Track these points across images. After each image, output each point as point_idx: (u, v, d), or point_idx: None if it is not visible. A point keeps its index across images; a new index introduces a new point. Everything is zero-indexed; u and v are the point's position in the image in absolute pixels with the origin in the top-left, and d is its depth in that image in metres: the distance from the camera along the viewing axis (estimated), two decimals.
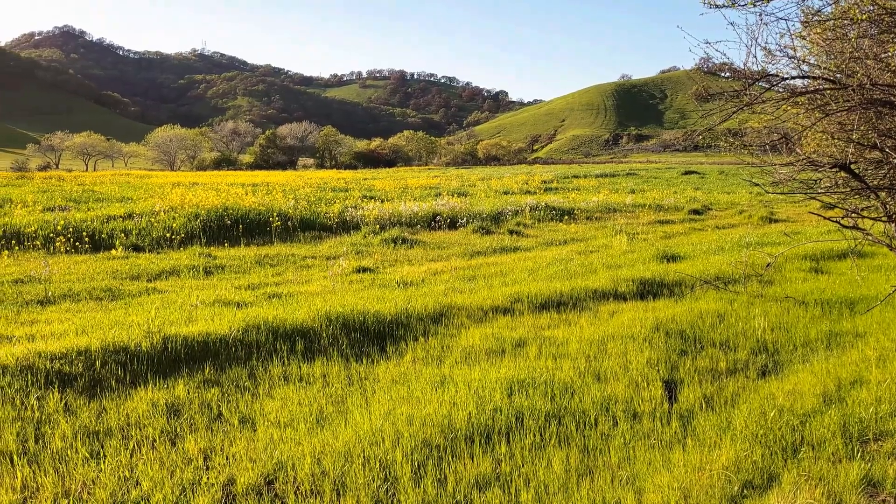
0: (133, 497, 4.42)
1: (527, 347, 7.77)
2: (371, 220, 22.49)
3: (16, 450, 5.08)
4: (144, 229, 19.14)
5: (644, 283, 11.13)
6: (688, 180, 53.88)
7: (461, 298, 10.19)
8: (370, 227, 21.25)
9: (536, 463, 4.88)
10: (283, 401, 6.18)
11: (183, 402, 6.11)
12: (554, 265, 14.00)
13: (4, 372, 6.39)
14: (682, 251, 15.20)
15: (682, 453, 4.95)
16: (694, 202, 30.91)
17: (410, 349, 7.88)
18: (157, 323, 8.11)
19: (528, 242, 19.47)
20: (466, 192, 37.60)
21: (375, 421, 5.50)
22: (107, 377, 6.65)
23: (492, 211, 25.07)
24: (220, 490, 4.52)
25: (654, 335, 7.97)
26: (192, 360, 7.27)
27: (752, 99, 7.24)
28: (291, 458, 4.91)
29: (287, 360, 7.38)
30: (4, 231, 17.71)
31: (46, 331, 8.24)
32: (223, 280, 13.51)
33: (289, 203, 24.80)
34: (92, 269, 14.37)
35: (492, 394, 6.02)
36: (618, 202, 30.06)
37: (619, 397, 6.05)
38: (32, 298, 11.12)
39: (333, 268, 14.11)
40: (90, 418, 5.71)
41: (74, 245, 17.13)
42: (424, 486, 4.54)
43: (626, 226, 22.21)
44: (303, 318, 8.46)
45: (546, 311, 9.68)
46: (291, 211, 22.73)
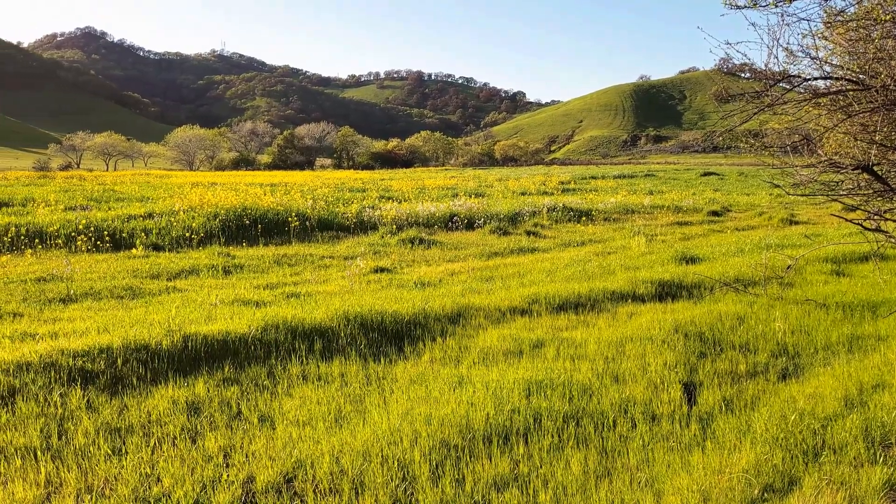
0: (155, 493, 4.47)
1: (544, 348, 7.76)
2: (388, 220, 22.55)
3: (39, 445, 5.15)
4: (164, 229, 19.32)
5: (663, 284, 11.07)
6: (707, 181, 53.51)
7: (479, 299, 10.19)
8: (387, 228, 21.30)
9: (555, 464, 4.87)
10: (302, 400, 6.22)
11: (203, 400, 6.17)
12: (572, 266, 13.96)
13: (28, 369, 6.48)
14: (701, 253, 15.10)
15: (701, 456, 4.92)
16: (713, 204, 30.69)
17: (428, 349, 7.90)
18: (178, 321, 8.18)
19: (545, 243, 19.44)
20: (484, 192, 37.58)
21: (394, 420, 5.52)
22: (128, 375, 6.72)
23: (509, 212, 25.05)
24: (239, 488, 4.55)
25: (673, 337, 7.93)
26: (211, 358, 7.32)
27: (773, 100, 7.19)
28: (310, 457, 4.93)
29: (305, 360, 7.42)
30: (27, 230, 17.95)
31: (69, 328, 8.34)
32: (242, 279, 13.61)
33: (307, 203, 24.93)
34: (113, 267, 14.53)
35: (510, 394, 6.02)
36: (636, 203, 29.91)
37: (637, 399, 6.03)
38: (55, 296, 11.26)
39: (351, 268, 14.16)
40: (112, 415, 5.78)
41: (96, 244, 17.33)
42: (442, 486, 4.55)
43: (644, 227, 22.11)
44: (321, 318, 8.50)
45: (564, 313, 9.66)
46: (309, 211, 22.85)
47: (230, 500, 4.40)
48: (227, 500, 4.39)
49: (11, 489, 4.53)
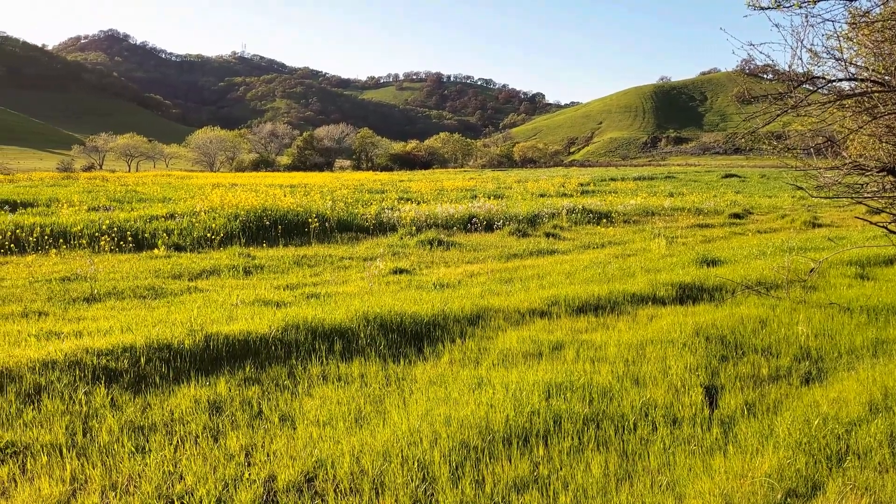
0: (177, 491, 4.51)
1: (564, 351, 7.74)
2: (407, 221, 22.60)
3: (65, 442, 5.22)
4: (186, 229, 19.50)
5: (683, 287, 11.00)
6: (728, 183, 53.06)
7: (498, 301, 10.18)
8: (406, 229, 21.35)
9: (575, 466, 4.86)
10: (322, 400, 6.25)
11: (224, 400, 6.22)
12: (591, 268, 13.91)
13: (53, 367, 6.57)
14: (723, 255, 14.98)
15: (723, 459, 4.89)
16: (734, 206, 30.43)
17: (447, 351, 7.91)
18: (199, 321, 8.25)
19: (564, 245, 19.38)
20: (502, 194, 37.55)
21: (413, 421, 5.53)
22: (151, 374, 6.80)
23: (528, 213, 25.01)
24: (261, 486, 4.59)
25: (694, 340, 7.87)
26: (233, 358, 7.39)
27: (797, 102, 7.13)
28: (331, 457, 4.96)
29: (326, 360, 7.46)
30: (52, 230, 18.19)
31: (93, 327, 8.44)
32: (262, 280, 13.70)
33: (326, 204, 25.04)
34: (135, 267, 14.70)
35: (529, 396, 6.01)
36: (656, 205, 29.74)
37: (658, 402, 6.00)
38: (79, 296, 11.41)
39: (370, 269, 14.21)
40: (135, 413, 5.84)
41: (118, 244, 17.53)
42: (462, 487, 4.56)
43: (664, 229, 21.98)
44: (341, 319, 8.54)
45: (583, 315, 9.63)
46: (329, 212, 22.96)
47: (252, 498, 4.44)
48: (249, 499, 4.42)
49: (38, 485, 4.59)
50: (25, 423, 5.58)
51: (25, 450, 5.12)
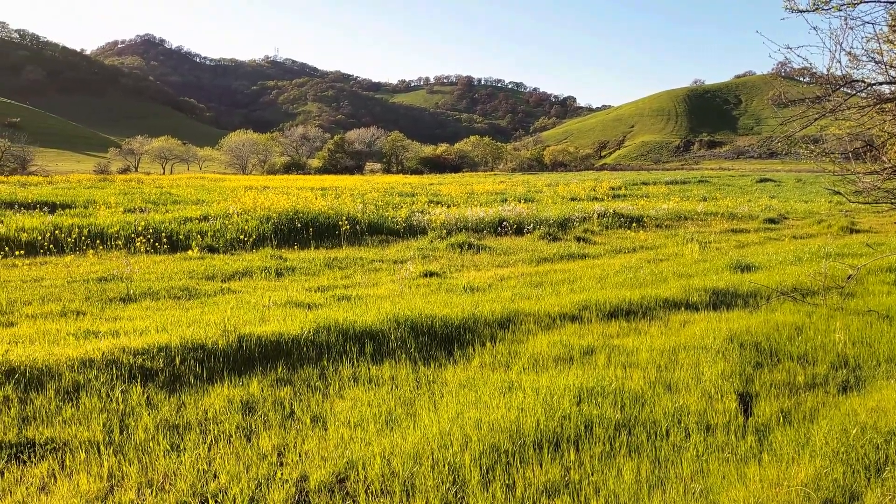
0: (212, 489, 4.57)
1: (595, 356, 7.69)
2: (437, 224, 22.63)
3: (102, 440, 5.32)
4: (219, 231, 19.75)
5: (717, 292, 10.86)
6: (763, 188, 52.31)
7: (528, 305, 10.16)
8: (436, 232, 21.38)
9: (606, 472, 4.83)
10: (353, 401, 6.29)
11: (257, 400, 6.29)
12: (623, 273, 13.81)
13: (91, 365, 6.71)
14: (757, 261, 14.77)
15: (757, 468, 4.82)
16: (769, 211, 29.98)
17: (478, 354, 7.91)
18: (233, 322, 8.35)
19: (595, 249, 19.26)
20: (533, 197, 37.43)
21: (444, 424, 5.54)
22: (185, 373, 6.90)
23: (559, 217, 24.89)
24: (293, 486, 4.63)
25: (728, 346, 7.77)
26: (265, 358, 7.47)
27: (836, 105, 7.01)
28: (362, 458, 4.99)
29: (356, 362, 7.51)
30: (89, 231, 18.55)
31: (129, 327, 8.60)
32: (294, 282, 13.82)
33: (357, 207, 25.20)
34: (170, 268, 14.92)
35: (560, 401, 5.99)
36: (689, 210, 29.41)
37: (691, 409, 5.93)
38: (115, 296, 11.62)
39: (401, 271, 14.26)
40: (170, 412, 5.94)
41: (154, 245, 17.82)
42: (493, 491, 4.55)
43: (697, 234, 21.73)
44: (371, 321, 8.59)
45: (615, 320, 9.56)
46: (359, 215, 23.09)
47: (285, 498, 4.48)
48: (282, 499, 4.47)
49: (76, 481, 4.69)
50: (64, 419, 5.70)
51: (64, 446, 5.23)
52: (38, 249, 17.19)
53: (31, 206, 26.24)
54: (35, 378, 6.39)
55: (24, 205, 26.39)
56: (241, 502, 4.43)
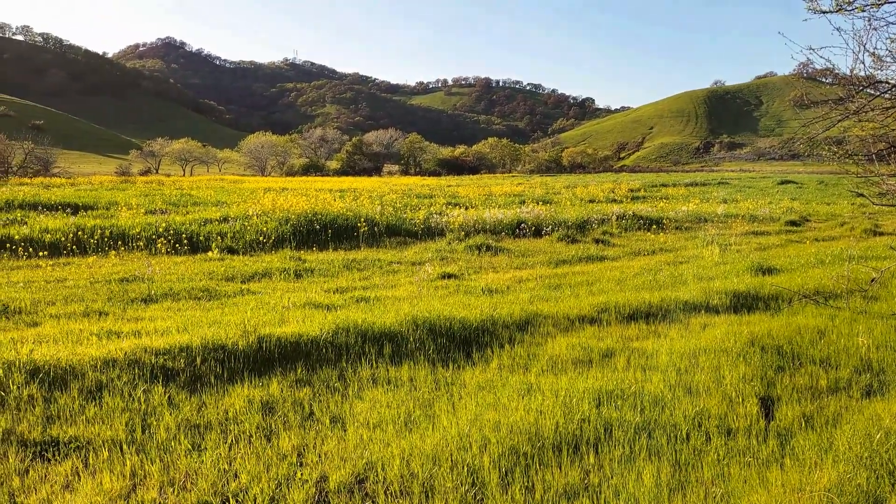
0: (232, 489, 4.61)
1: (614, 358, 7.66)
2: (455, 226, 22.64)
3: (125, 439, 5.38)
4: (238, 233, 19.89)
5: (738, 295, 10.78)
6: (784, 190, 51.80)
7: (547, 307, 10.14)
8: (454, 234, 21.40)
9: (626, 475, 4.80)
10: (372, 402, 6.31)
11: (277, 400, 6.33)
12: (642, 275, 13.74)
13: (114, 365, 6.78)
14: (779, 264, 14.63)
15: (779, 473, 4.78)
16: (791, 213, 29.70)
17: (496, 356, 7.90)
18: (252, 323, 8.41)
19: (614, 252, 19.17)
20: (551, 199, 37.35)
21: (462, 426, 5.54)
22: (206, 373, 6.96)
23: (577, 219, 24.82)
24: (313, 486, 4.65)
25: (749, 350, 7.71)
26: (284, 359, 7.51)
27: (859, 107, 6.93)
28: (381, 459, 5.00)
29: (375, 363, 7.53)
30: (111, 232, 18.76)
31: (151, 327, 8.68)
32: (313, 283, 13.89)
33: (375, 209, 25.28)
34: (190, 269, 15.05)
35: (579, 404, 5.97)
36: (709, 212, 29.20)
37: (711, 412, 5.89)
38: (137, 296, 11.74)
39: (419, 273, 14.28)
40: (191, 412, 5.99)
41: (174, 246, 17.99)
42: (512, 493, 4.55)
43: (717, 236, 21.56)
44: (390, 323, 8.61)
45: (634, 322, 9.52)
46: (378, 217, 23.15)
47: (305, 498, 4.51)
48: (302, 499, 4.49)
49: (99, 479, 4.74)
50: (88, 418, 5.77)
51: (88, 444, 5.29)
52: (62, 250, 17.42)
53: (55, 207, 26.59)
54: (59, 377, 6.48)
55: (47, 206, 26.75)
56: (261, 502, 4.46)
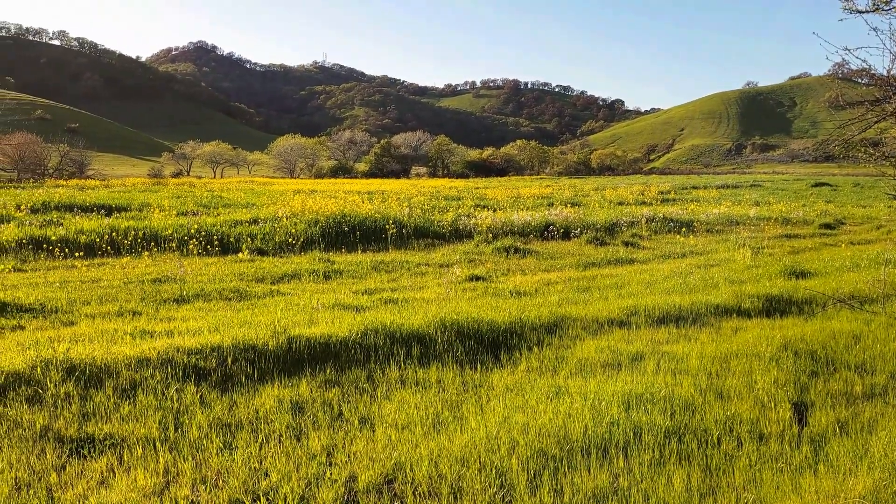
0: (263, 487, 4.66)
1: (644, 362, 7.60)
2: (483, 228, 22.63)
3: (158, 436, 5.47)
4: (268, 234, 20.09)
5: (770, 299, 10.63)
6: (818, 192, 50.93)
7: (575, 309, 10.09)
8: (482, 236, 21.38)
9: (656, 479, 4.77)
10: (401, 404, 6.33)
11: (306, 400, 6.38)
12: (672, 278, 13.61)
13: (147, 364, 6.89)
14: (812, 267, 14.39)
15: (813, 479, 4.70)
16: (825, 216, 29.18)
17: (524, 358, 7.88)
18: (282, 324, 8.49)
19: (644, 254, 19.02)
20: (580, 202, 37.15)
21: (491, 428, 5.54)
22: (237, 373, 7.04)
23: (606, 222, 24.66)
24: (342, 486, 4.69)
25: (782, 354, 7.60)
26: (314, 360, 7.57)
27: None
28: (409, 460, 5.02)
29: (403, 365, 7.56)
30: (144, 233, 19.06)
31: (183, 327, 8.80)
32: (342, 285, 13.97)
33: (403, 211, 25.35)
34: (221, 270, 15.24)
35: (608, 407, 5.93)
36: (740, 214, 28.82)
37: (743, 417, 5.82)
38: (169, 297, 11.91)
39: (447, 275, 14.30)
40: (223, 411, 6.06)
41: (205, 248, 18.23)
42: (540, 496, 4.54)
43: (749, 239, 21.26)
44: (418, 324, 8.63)
45: (664, 326, 9.43)
46: (406, 219, 23.22)
47: (334, 497, 4.54)
48: (331, 498, 4.53)
49: (134, 476, 4.83)
50: (122, 416, 5.87)
51: (122, 442, 5.39)
52: (96, 251, 17.74)
53: (89, 209, 27.10)
54: (94, 375, 6.60)
55: (82, 208, 27.27)
56: (291, 500, 4.50)
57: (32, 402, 6.08)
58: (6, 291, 11.29)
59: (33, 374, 6.49)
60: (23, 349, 7.28)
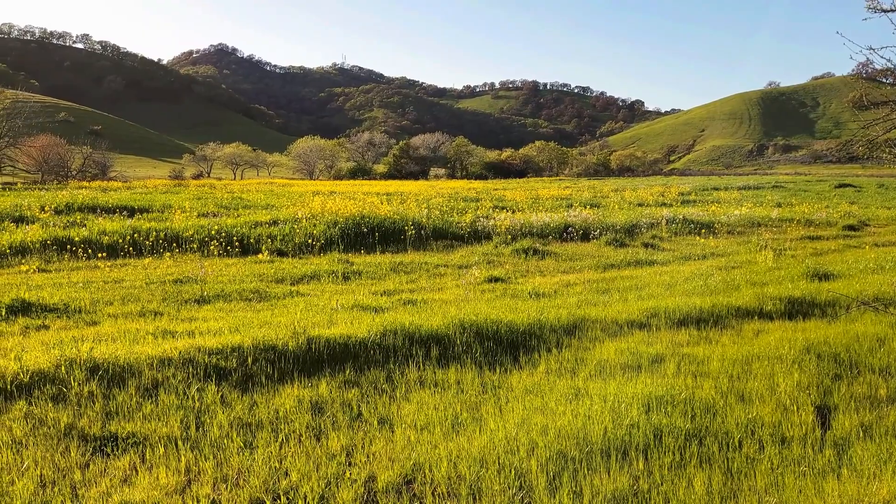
0: (283, 487, 4.69)
1: (664, 364, 7.56)
2: (502, 230, 22.59)
3: (180, 435, 5.52)
4: (288, 235, 20.20)
5: (792, 301, 10.52)
6: (842, 194, 50.27)
7: (595, 311, 10.05)
8: (501, 238, 21.34)
9: (676, 482, 4.74)
10: (419, 404, 6.34)
11: (326, 401, 6.41)
12: (692, 280, 13.51)
13: (169, 364, 6.96)
14: (836, 269, 14.22)
15: (836, 483, 4.65)
16: (849, 217, 28.80)
17: (544, 360, 7.87)
18: (302, 324, 8.53)
19: (664, 256, 18.89)
20: (599, 203, 36.99)
21: (510, 429, 5.54)
22: (257, 373, 7.09)
23: (626, 223, 24.53)
24: (362, 486, 4.71)
25: (805, 357, 7.52)
26: (333, 360, 7.61)
27: None
28: (428, 461, 5.03)
29: (422, 365, 7.57)
30: (166, 234, 19.24)
31: (204, 327, 8.88)
32: (360, 285, 14.01)
33: (422, 212, 25.37)
34: (241, 271, 15.34)
35: (628, 409, 5.91)
36: (762, 216, 28.54)
37: (765, 420, 5.77)
38: (190, 297, 12.02)
39: (466, 276, 14.30)
40: (243, 411, 6.11)
41: (226, 249, 18.36)
42: (560, 498, 4.53)
43: (771, 241, 21.05)
44: (437, 325, 8.64)
45: (684, 328, 9.37)
46: (424, 220, 23.23)
47: (353, 497, 4.56)
48: (351, 498, 4.55)
49: (156, 474, 4.88)
50: (144, 415, 5.94)
51: (145, 440, 5.45)
52: (119, 252, 17.93)
53: (112, 210, 27.40)
54: (117, 375, 6.68)
55: (105, 209, 27.58)
56: (311, 500, 4.53)
57: (57, 401, 6.16)
58: (31, 292, 11.44)
59: (58, 373, 6.58)
60: (47, 348, 7.39)
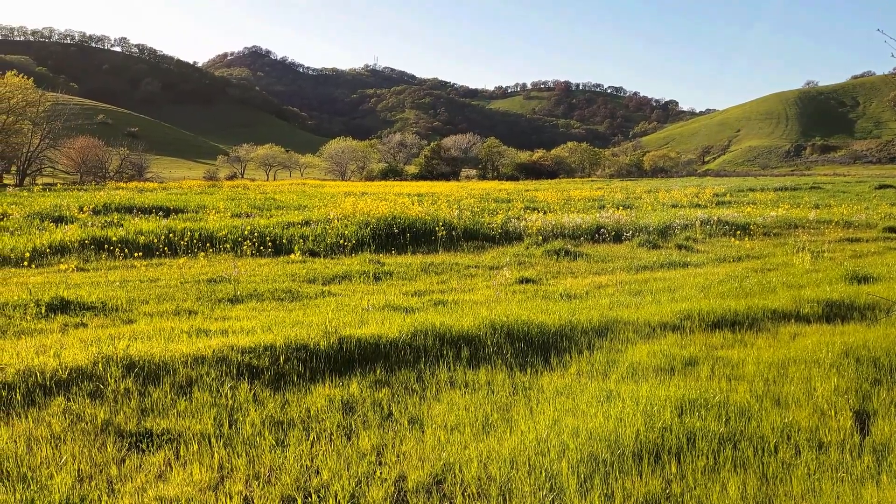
0: (314, 485, 4.72)
1: (698, 367, 7.46)
2: (533, 231, 22.50)
3: (213, 433, 5.59)
4: (320, 236, 20.35)
5: (830, 304, 10.31)
6: (882, 195, 49.12)
7: (627, 313, 9.96)
8: (532, 239, 21.26)
9: (710, 486, 4.67)
10: (450, 405, 6.34)
11: (357, 400, 6.44)
12: (727, 282, 13.31)
13: (203, 362, 7.06)
14: (876, 272, 13.91)
15: (875, 489, 4.55)
16: (889, 219, 28.14)
17: (575, 362, 7.81)
18: (333, 324, 8.58)
19: (698, 258, 18.65)
20: (632, 204, 36.65)
21: (540, 431, 5.51)
22: (289, 372, 7.15)
23: (659, 224, 24.26)
24: (392, 485, 4.72)
25: (843, 361, 7.36)
26: (364, 360, 7.64)
27: None
28: (458, 461, 5.03)
29: (453, 366, 7.57)
30: (200, 234, 19.51)
31: (237, 326, 8.98)
32: (391, 286, 14.06)
33: (453, 213, 25.37)
34: (273, 271, 15.49)
35: (661, 412, 5.84)
36: (799, 217, 28.02)
37: (801, 425, 5.66)
38: (224, 296, 12.16)
39: (497, 277, 14.27)
40: (275, 409, 6.17)
41: (259, 249, 18.56)
42: (591, 501, 4.49)
43: (808, 243, 20.67)
44: (468, 326, 8.63)
45: (719, 330, 9.23)
46: (455, 221, 23.23)
47: (384, 496, 4.58)
48: (381, 497, 4.56)
49: (190, 470, 4.95)
50: (179, 412, 6.02)
51: (179, 437, 5.53)
52: (154, 251, 18.22)
53: (148, 210, 27.87)
54: (152, 372, 6.79)
55: (141, 209, 28.07)
56: (342, 498, 4.55)
57: (94, 397, 6.28)
58: (70, 290, 11.68)
59: (95, 369, 6.71)
60: (85, 346, 7.53)
